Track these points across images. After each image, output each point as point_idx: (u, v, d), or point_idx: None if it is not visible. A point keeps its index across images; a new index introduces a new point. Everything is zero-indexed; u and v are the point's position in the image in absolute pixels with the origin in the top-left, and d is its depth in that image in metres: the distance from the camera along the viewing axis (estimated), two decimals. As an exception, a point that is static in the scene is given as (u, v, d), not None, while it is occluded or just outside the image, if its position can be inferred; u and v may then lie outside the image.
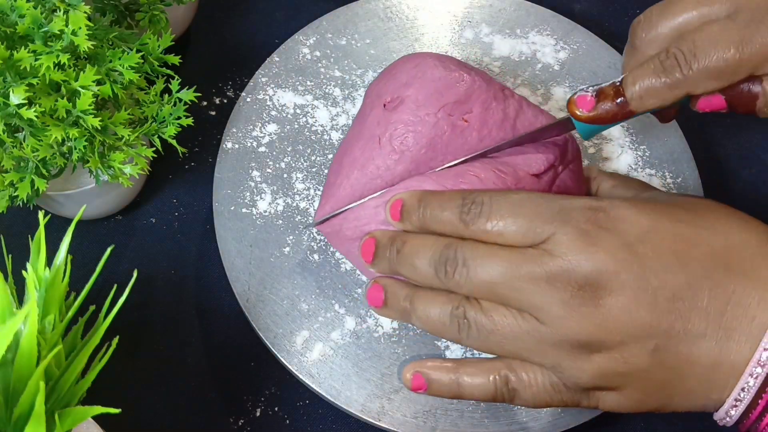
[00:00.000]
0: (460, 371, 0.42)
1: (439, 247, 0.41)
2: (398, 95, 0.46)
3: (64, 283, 0.40)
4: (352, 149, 0.47)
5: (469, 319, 0.41)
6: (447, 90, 0.46)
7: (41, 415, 0.34)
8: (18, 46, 0.42)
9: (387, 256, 0.44)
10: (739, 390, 0.37)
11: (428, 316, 0.42)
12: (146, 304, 0.52)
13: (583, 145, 0.55)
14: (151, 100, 0.49)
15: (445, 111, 0.45)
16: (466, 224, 0.41)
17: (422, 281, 0.43)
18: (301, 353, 0.47)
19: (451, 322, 0.41)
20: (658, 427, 0.51)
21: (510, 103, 0.47)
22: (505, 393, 0.41)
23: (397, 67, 0.49)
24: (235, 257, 0.50)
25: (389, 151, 0.45)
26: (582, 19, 0.62)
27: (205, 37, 0.63)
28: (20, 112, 0.41)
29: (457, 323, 0.41)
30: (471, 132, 0.46)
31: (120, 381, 0.47)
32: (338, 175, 0.47)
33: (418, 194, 0.44)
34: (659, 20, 0.43)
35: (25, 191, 0.44)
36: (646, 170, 0.55)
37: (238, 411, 0.49)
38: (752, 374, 0.37)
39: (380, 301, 0.44)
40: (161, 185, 0.56)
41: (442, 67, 0.47)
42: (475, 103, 0.46)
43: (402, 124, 0.45)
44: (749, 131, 0.63)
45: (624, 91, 0.42)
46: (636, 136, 0.57)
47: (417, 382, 0.43)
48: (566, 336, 0.38)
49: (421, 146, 0.45)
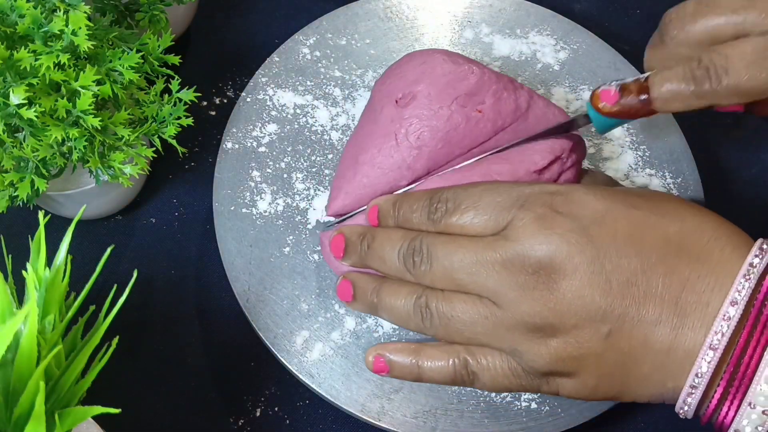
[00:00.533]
0: (420, 354, 0.44)
1: (407, 239, 0.43)
2: (409, 91, 0.47)
3: (64, 283, 0.40)
4: (367, 147, 0.47)
5: (431, 307, 0.42)
6: (458, 83, 0.46)
7: (41, 415, 0.34)
8: (18, 46, 0.42)
9: (357, 251, 0.45)
10: (693, 376, 0.37)
11: (393, 308, 0.44)
12: (146, 304, 0.52)
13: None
14: (151, 100, 0.49)
15: (458, 103, 0.46)
16: (434, 222, 0.43)
17: (391, 273, 0.44)
18: (301, 353, 0.47)
19: (414, 312, 0.43)
20: (658, 426, 0.51)
21: (521, 93, 0.48)
22: (464, 376, 0.43)
23: (404, 65, 0.49)
24: (235, 257, 0.50)
25: (407, 147, 0.46)
26: (582, 19, 0.62)
27: (205, 37, 0.63)
28: (20, 112, 0.41)
29: (420, 313, 0.42)
30: (486, 123, 0.46)
31: (120, 381, 0.47)
32: (355, 172, 0.47)
33: (392, 198, 0.46)
34: (693, 20, 0.43)
35: (25, 191, 0.44)
36: (646, 170, 0.55)
37: (238, 411, 0.49)
38: (705, 358, 0.37)
39: (349, 296, 0.46)
40: (161, 185, 0.56)
41: (450, 61, 0.47)
42: (487, 94, 0.47)
43: (416, 119, 0.46)
44: (749, 131, 0.63)
45: (650, 89, 0.43)
46: (636, 136, 0.57)
47: (378, 365, 0.45)
48: (521, 319, 0.39)
49: (438, 140, 0.46)
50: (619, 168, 0.56)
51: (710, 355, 0.37)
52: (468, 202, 0.42)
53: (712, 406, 0.38)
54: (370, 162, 0.47)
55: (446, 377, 0.43)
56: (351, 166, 0.48)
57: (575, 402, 0.47)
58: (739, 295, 0.37)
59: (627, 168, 0.56)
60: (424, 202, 0.44)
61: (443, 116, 0.46)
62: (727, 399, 0.37)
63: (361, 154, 0.47)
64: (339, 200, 0.48)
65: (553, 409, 0.47)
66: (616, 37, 0.62)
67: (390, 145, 0.46)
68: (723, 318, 0.37)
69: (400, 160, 0.46)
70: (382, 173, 0.46)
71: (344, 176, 0.48)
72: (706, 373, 0.37)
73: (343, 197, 0.48)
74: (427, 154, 0.46)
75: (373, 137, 0.47)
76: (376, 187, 0.47)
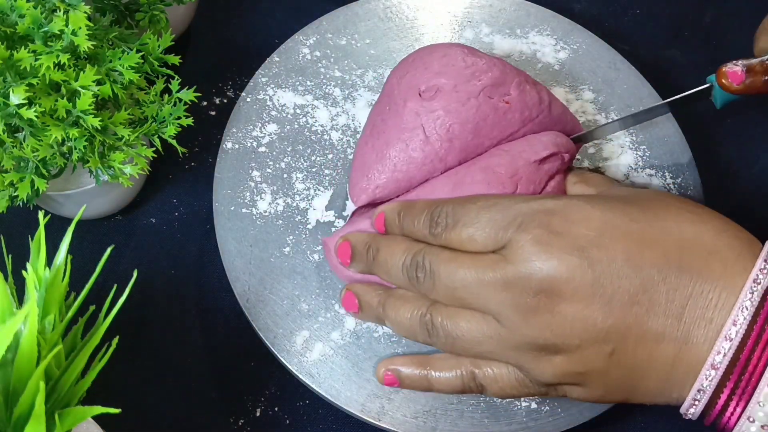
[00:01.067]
0: (428, 367, 0.44)
1: (410, 253, 0.44)
2: (434, 84, 0.47)
3: (64, 283, 0.40)
4: (393, 140, 0.47)
5: (436, 325, 0.42)
6: (482, 74, 0.46)
7: (41, 415, 0.34)
8: (18, 46, 0.42)
9: (364, 260, 0.46)
10: (695, 391, 0.38)
11: (400, 323, 0.44)
12: (146, 304, 0.52)
13: (583, 146, 0.55)
14: (151, 100, 0.49)
15: (485, 94, 0.46)
16: (435, 236, 0.43)
17: (397, 285, 0.45)
18: (301, 353, 0.47)
19: (420, 328, 0.43)
20: (658, 426, 0.51)
21: (541, 87, 0.48)
22: (473, 387, 0.43)
23: (424, 57, 0.49)
24: (235, 257, 0.49)
25: (437, 140, 0.46)
26: (582, 19, 0.62)
27: (205, 37, 0.63)
28: (20, 112, 0.41)
29: (427, 330, 0.43)
30: (513, 113, 0.47)
31: (120, 381, 0.47)
32: (384, 165, 0.47)
33: (397, 207, 0.46)
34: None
35: (25, 191, 0.44)
36: (646, 170, 0.55)
37: (238, 411, 0.49)
38: (707, 377, 0.37)
39: (355, 307, 0.47)
40: (161, 185, 0.56)
41: (471, 54, 0.47)
42: (512, 85, 0.47)
43: (443, 111, 0.46)
44: (749, 131, 0.63)
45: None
46: (636, 136, 0.57)
47: (389, 379, 0.45)
48: (524, 340, 0.39)
49: (468, 132, 0.46)
50: (619, 168, 0.56)
51: (712, 374, 0.37)
52: (466, 219, 0.42)
53: (714, 413, 0.38)
54: (400, 156, 0.47)
55: (455, 388, 0.44)
56: (379, 160, 0.48)
57: (575, 402, 0.47)
58: (741, 315, 0.37)
59: (627, 168, 0.56)
60: (426, 216, 0.44)
61: (472, 108, 0.46)
62: (727, 410, 0.38)
63: (389, 149, 0.47)
64: (369, 192, 0.48)
65: (553, 409, 0.47)
66: (616, 37, 0.62)
67: (419, 139, 0.46)
68: (725, 338, 0.37)
69: (432, 154, 0.46)
70: (416, 167, 0.47)
71: (372, 168, 0.48)
72: (708, 388, 0.37)
73: (374, 189, 0.48)
74: (459, 146, 0.46)
75: (399, 131, 0.47)
76: (411, 181, 0.47)
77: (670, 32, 0.68)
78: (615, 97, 0.58)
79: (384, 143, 0.48)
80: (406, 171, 0.47)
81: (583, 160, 0.55)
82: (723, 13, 0.69)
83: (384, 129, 0.48)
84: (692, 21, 0.69)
